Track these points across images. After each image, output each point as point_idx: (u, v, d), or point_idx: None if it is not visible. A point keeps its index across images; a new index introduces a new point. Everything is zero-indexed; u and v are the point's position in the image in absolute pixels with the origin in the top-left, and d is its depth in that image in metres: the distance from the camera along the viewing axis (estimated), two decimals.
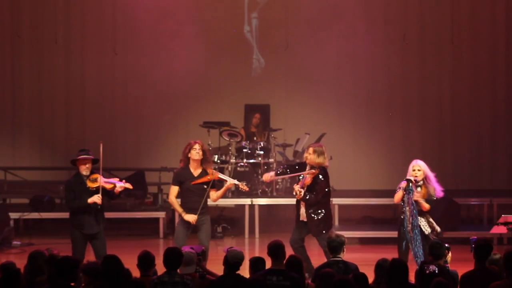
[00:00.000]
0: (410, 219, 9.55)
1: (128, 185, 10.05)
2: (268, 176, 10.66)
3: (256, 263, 7.45)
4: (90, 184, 9.79)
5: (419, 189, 9.75)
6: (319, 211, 10.22)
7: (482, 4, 16.70)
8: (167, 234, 14.31)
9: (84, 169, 9.81)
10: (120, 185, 9.92)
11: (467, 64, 16.77)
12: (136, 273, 7.54)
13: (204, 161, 10.21)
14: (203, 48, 16.67)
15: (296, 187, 10.16)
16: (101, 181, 9.80)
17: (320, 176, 10.17)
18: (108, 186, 9.90)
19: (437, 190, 9.82)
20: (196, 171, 10.19)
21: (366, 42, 16.69)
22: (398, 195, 9.77)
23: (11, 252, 12.85)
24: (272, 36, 16.67)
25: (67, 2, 16.72)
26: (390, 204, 15.26)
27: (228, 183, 10.23)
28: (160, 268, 7.56)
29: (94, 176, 9.85)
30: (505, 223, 9.84)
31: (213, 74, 16.75)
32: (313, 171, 10.15)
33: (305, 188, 10.17)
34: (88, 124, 16.85)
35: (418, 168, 9.77)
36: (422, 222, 9.74)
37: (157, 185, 15.52)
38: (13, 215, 14.09)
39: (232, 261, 7.32)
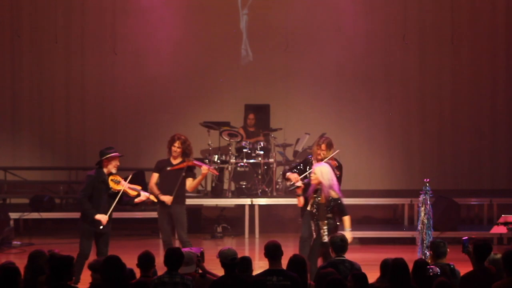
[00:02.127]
0: (424, 219, 9.54)
1: (153, 198, 10.14)
2: (296, 178, 10.39)
3: (242, 262, 7.44)
4: (112, 185, 9.72)
5: (318, 192, 9.72)
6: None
7: (482, 4, 16.70)
8: None
9: (114, 167, 9.79)
10: (145, 195, 9.97)
11: (467, 64, 16.77)
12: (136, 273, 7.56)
13: (185, 155, 10.76)
14: (203, 48, 16.68)
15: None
16: (125, 185, 9.75)
17: (338, 165, 10.36)
18: (132, 192, 9.85)
19: (337, 192, 9.76)
20: (175, 160, 10.77)
21: (366, 42, 16.69)
22: (300, 200, 9.75)
23: (11, 252, 12.85)
24: (272, 36, 16.66)
25: (67, 2, 16.71)
26: (390, 204, 15.33)
27: (203, 169, 10.65)
28: (160, 268, 7.57)
29: (118, 178, 9.78)
30: (505, 223, 9.85)
31: (213, 74, 16.75)
32: (335, 162, 10.25)
33: None
34: (88, 124, 16.84)
35: (314, 172, 9.73)
36: (315, 227, 9.76)
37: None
38: (13, 215, 14.09)
39: (226, 260, 7.34)
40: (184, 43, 16.70)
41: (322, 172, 9.62)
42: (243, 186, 14.68)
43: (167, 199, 10.48)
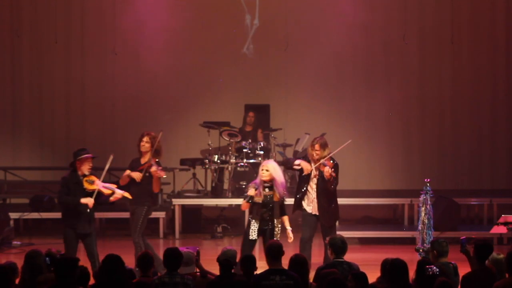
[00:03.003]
0: (425, 219, 9.54)
1: (127, 195, 10.08)
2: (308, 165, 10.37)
3: (246, 261, 7.45)
4: (87, 186, 9.73)
5: (267, 190, 9.72)
6: (333, 199, 10.34)
7: (482, 4, 16.70)
8: (167, 234, 14.32)
9: (87, 169, 9.79)
10: (119, 192, 9.93)
11: (467, 64, 16.77)
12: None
13: (155, 153, 10.60)
14: (203, 48, 16.68)
15: (328, 169, 10.12)
16: (99, 185, 9.76)
17: (334, 165, 10.35)
18: (106, 191, 9.83)
19: (284, 191, 9.79)
20: (144, 159, 10.65)
21: (366, 42, 16.69)
22: (244, 204, 9.80)
23: (11, 252, 12.85)
24: (272, 36, 16.66)
25: (67, 2, 16.71)
26: (390, 204, 15.33)
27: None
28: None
29: (92, 178, 9.79)
30: (505, 223, 9.85)
31: (213, 74, 16.75)
32: (331, 162, 10.25)
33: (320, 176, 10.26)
34: (88, 124, 16.84)
35: (266, 168, 9.71)
36: (253, 226, 9.77)
37: None
38: (13, 215, 14.09)
39: (221, 259, 7.36)
40: (184, 43, 16.70)
41: (275, 168, 9.65)
42: (243, 186, 14.66)
43: (137, 175, 10.40)
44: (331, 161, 10.35)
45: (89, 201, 9.70)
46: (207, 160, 14.80)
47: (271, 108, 16.47)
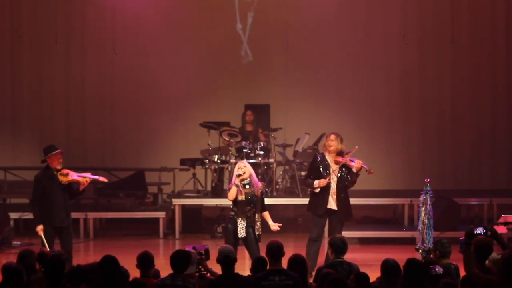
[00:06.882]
0: (425, 219, 9.57)
1: (103, 179, 10.23)
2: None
3: (258, 263, 7.45)
4: (62, 179, 9.98)
5: (247, 186, 9.86)
6: (348, 196, 10.48)
7: (482, 4, 16.70)
8: (167, 234, 14.32)
9: (58, 164, 9.97)
10: (95, 178, 10.10)
11: (467, 64, 16.77)
12: (136, 273, 7.55)
13: None
14: (202, 48, 16.67)
15: (358, 161, 10.50)
16: (73, 175, 9.97)
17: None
18: (82, 180, 10.03)
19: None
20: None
21: (366, 42, 16.69)
22: (232, 192, 9.83)
23: (11, 252, 12.84)
24: (272, 36, 16.66)
25: (67, 2, 16.70)
26: (390, 204, 15.33)
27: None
28: (159, 268, 7.56)
29: (65, 171, 10.00)
30: (505, 223, 9.84)
31: (213, 74, 16.75)
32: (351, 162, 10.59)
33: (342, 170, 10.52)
34: (88, 124, 16.84)
35: (244, 165, 9.93)
36: (241, 224, 9.84)
37: (157, 185, 15.53)
38: (13, 215, 14.10)
39: (221, 257, 7.35)
40: (184, 43, 16.69)
41: (250, 166, 9.95)
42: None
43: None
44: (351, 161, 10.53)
45: (39, 229, 9.85)
46: (207, 160, 14.79)
47: (271, 108, 16.47)
